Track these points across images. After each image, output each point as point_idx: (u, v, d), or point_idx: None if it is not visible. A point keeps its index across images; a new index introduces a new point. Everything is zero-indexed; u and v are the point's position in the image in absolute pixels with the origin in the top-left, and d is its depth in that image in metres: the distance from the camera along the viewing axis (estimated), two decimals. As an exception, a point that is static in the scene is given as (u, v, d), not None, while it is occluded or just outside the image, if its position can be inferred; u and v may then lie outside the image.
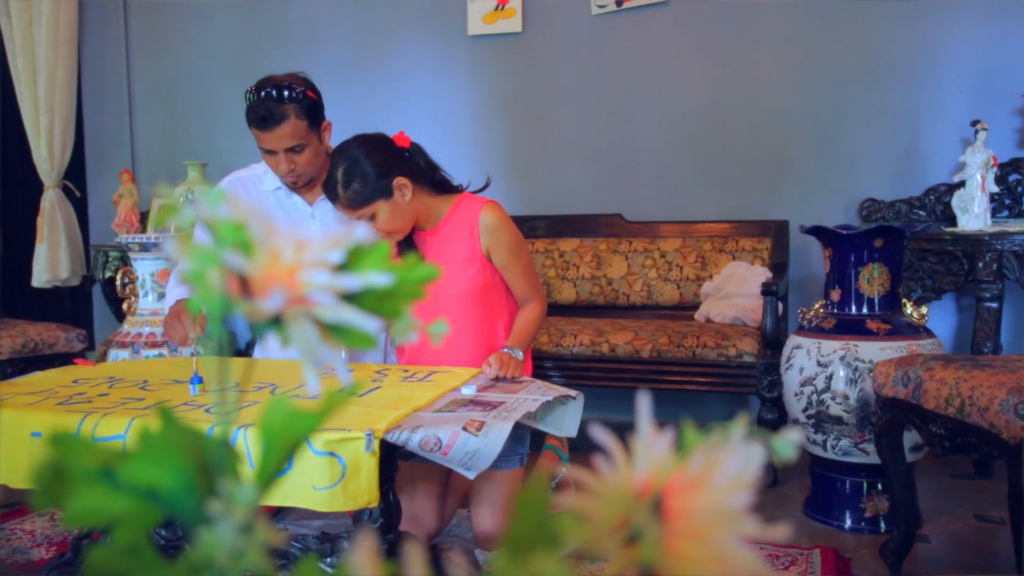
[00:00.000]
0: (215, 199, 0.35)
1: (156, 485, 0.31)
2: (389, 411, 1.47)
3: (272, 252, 0.35)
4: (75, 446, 0.30)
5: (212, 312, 0.34)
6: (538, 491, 0.30)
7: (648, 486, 0.33)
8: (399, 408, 1.50)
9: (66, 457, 0.30)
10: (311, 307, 0.36)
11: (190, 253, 0.36)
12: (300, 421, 0.31)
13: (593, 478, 0.36)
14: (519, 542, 0.28)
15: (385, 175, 1.87)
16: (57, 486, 0.30)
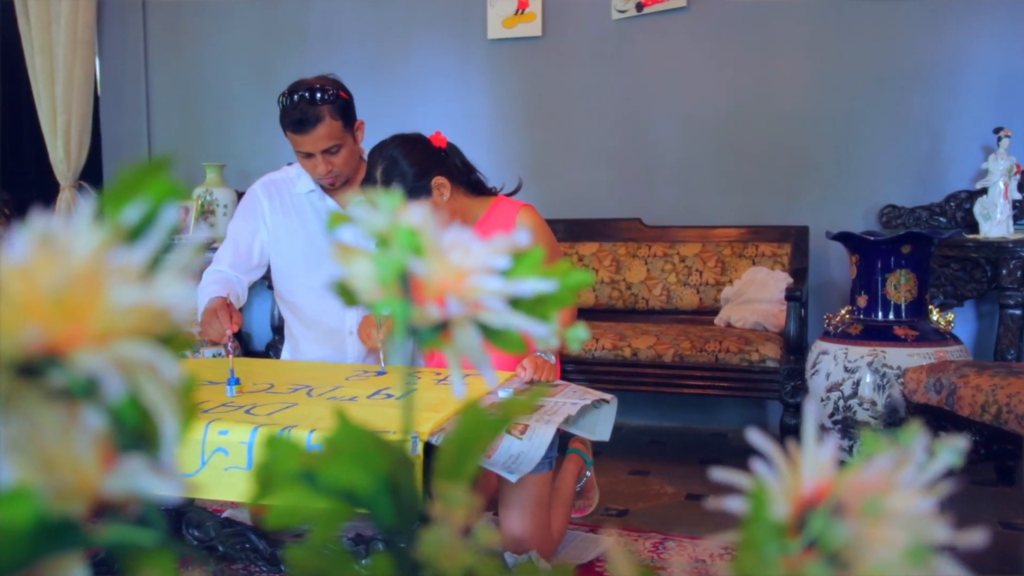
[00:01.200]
0: (390, 205, 0.36)
1: (354, 487, 0.32)
2: (430, 413, 1.48)
3: (441, 258, 0.36)
4: (286, 448, 0.31)
5: (398, 318, 0.34)
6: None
7: (822, 492, 0.34)
8: (439, 410, 1.51)
9: (277, 458, 0.31)
10: (478, 312, 0.37)
11: (362, 259, 0.37)
12: (488, 427, 0.32)
13: (754, 483, 0.36)
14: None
15: (423, 175, 1.88)
16: (268, 486, 0.30)
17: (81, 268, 0.24)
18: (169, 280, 0.26)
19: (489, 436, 0.32)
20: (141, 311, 0.25)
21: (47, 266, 0.24)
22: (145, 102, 4.39)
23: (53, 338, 0.24)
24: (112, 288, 0.24)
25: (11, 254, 0.25)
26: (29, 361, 0.25)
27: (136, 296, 0.24)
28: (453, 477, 0.31)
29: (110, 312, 0.24)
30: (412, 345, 1.47)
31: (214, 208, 3.87)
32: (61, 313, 0.24)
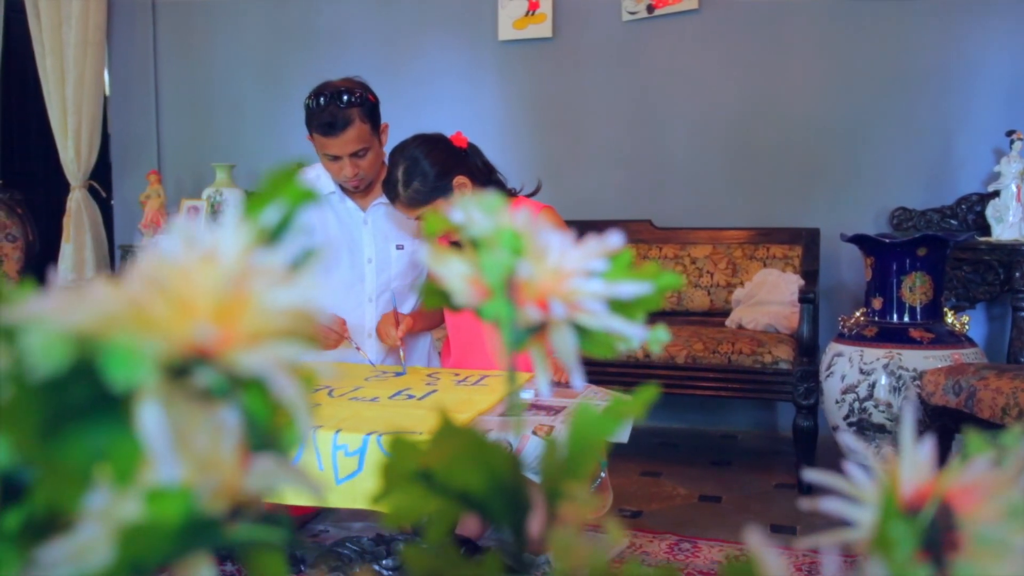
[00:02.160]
0: (492, 207, 0.36)
1: (469, 487, 0.32)
2: (455, 415, 1.48)
3: (542, 260, 0.37)
4: (406, 449, 0.31)
5: (504, 321, 0.35)
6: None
7: (923, 494, 0.34)
8: (463, 411, 1.51)
9: (397, 459, 0.31)
10: (576, 315, 0.37)
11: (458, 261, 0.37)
12: (603, 426, 0.32)
13: (851, 486, 0.37)
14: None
15: (445, 174, 1.89)
16: (390, 486, 0.31)
17: (233, 270, 0.25)
18: (311, 281, 0.26)
19: (604, 433, 0.32)
20: (289, 312, 0.25)
21: (202, 268, 0.24)
22: (154, 102, 4.40)
23: (209, 339, 0.25)
24: (263, 289, 0.25)
25: (163, 255, 0.25)
26: (183, 362, 0.25)
27: (289, 298, 0.25)
28: (573, 476, 0.31)
29: (262, 313, 0.25)
30: (429, 345, 1.50)
31: (224, 208, 3.88)
32: (216, 314, 0.25)
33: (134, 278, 0.24)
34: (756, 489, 2.74)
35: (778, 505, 2.58)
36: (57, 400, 0.24)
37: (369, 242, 2.19)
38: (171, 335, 0.23)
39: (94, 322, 0.22)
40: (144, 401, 0.23)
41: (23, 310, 0.22)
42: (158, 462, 0.24)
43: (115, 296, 0.23)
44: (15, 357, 0.21)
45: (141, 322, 0.23)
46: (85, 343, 0.22)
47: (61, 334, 0.21)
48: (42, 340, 0.21)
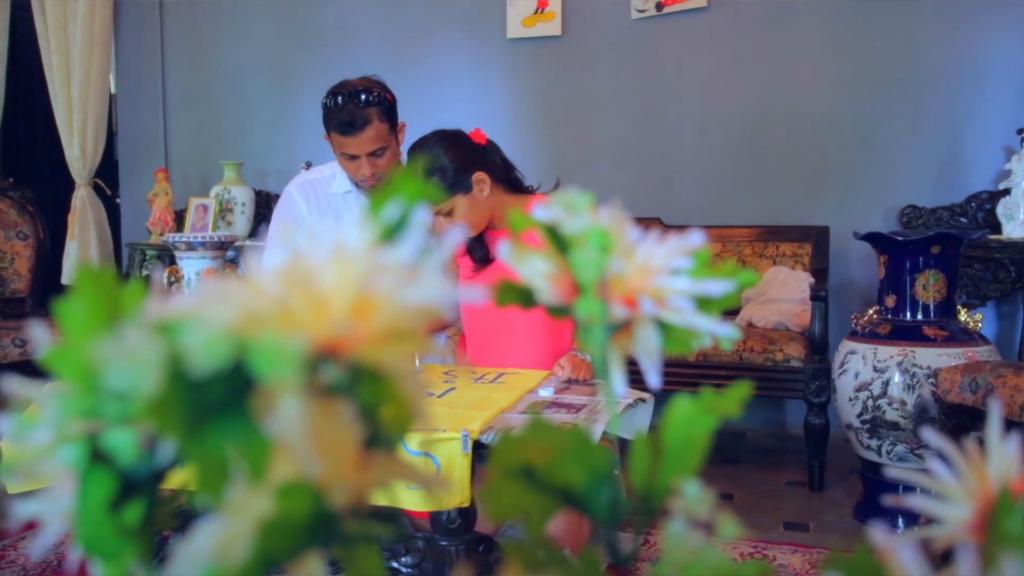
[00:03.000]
0: (578, 206, 0.37)
1: (570, 484, 0.33)
2: (476, 412, 1.48)
3: (631, 258, 0.37)
4: (511, 445, 0.31)
5: (596, 319, 0.35)
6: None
7: (1018, 488, 0.34)
8: (484, 409, 1.51)
9: (503, 455, 0.31)
10: (661, 312, 0.37)
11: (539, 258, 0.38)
12: (703, 419, 0.32)
13: (936, 481, 0.37)
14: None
15: (463, 170, 1.89)
16: (498, 481, 0.31)
17: (365, 269, 0.25)
18: (434, 280, 0.26)
19: (707, 427, 0.32)
20: (415, 310, 0.25)
21: (336, 267, 0.24)
22: (162, 100, 4.40)
23: (344, 336, 0.25)
24: (391, 287, 0.25)
25: (297, 253, 0.25)
26: (316, 359, 0.25)
27: (416, 296, 0.25)
28: (680, 470, 0.31)
29: (391, 310, 0.25)
30: (443, 343, 1.50)
31: (232, 206, 3.88)
32: (350, 312, 0.25)
33: (270, 276, 0.24)
34: (767, 487, 2.74)
35: (790, 502, 2.58)
36: (202, 395, 0.24)
37: (384, 240, 2.19)
38: (311, 333, 0.23)
39: (244, 320, 0.22)
40: (286, 397, 0.24)
41: (178, 308, 0.22)
42: (297, 457, 0.24)
43: (259, 294, 0.23)
44: (172, 353, 0.21)
45: (286, 320, 0.23)
46: (238, 341, 0.22)
47: (221, 332, 0.21)
48: (204, 338, 0.21)
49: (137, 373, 0.22)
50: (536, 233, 0.39)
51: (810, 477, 2.70)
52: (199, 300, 0.23)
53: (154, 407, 0.22)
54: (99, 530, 0.29)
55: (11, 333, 2.53)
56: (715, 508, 0.29)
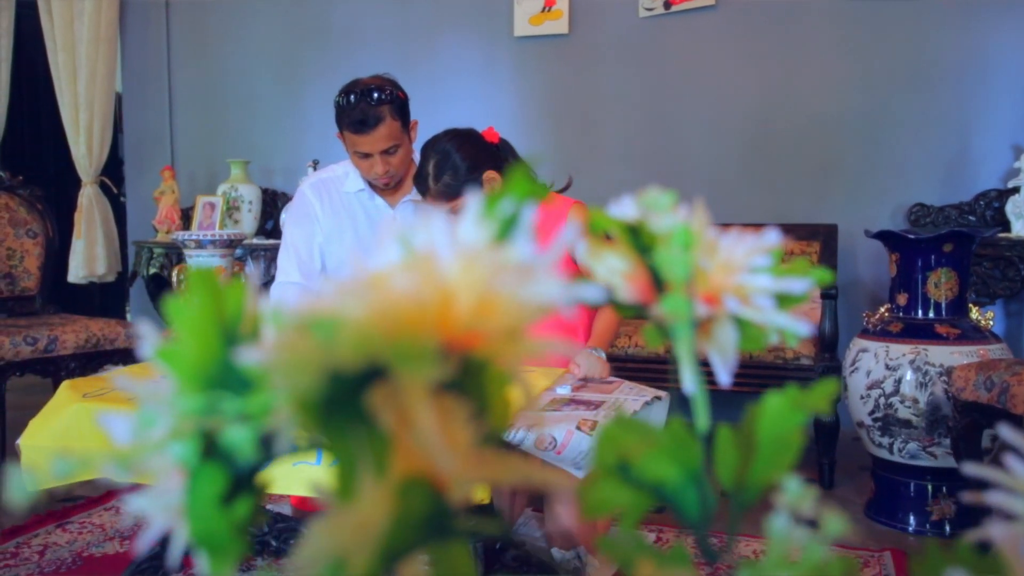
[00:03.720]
0: (659, 205, 0.37)
1: (664, 480, 0.33)
2: (497, 410, 1.49)
3: (714, 256, 0.37)
4: (609, 441, 0.32)
5: (682, 316, 0.35)
6: None
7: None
8: (504, 407, 1.52)
9: (601, 451, 0.32)
10: (745, 310, 0.38)
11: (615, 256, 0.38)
12: (793, 415, 0.33)
13: (1013, 479, 0.37)
14: None
15: (476, 168, 1.90)
16: (596, 477, 0.31)
17: (488, 266, 0.25)
18: (553, 279, 0.27)
19: (796, 422, 0.33)
20: (537, 307, 0.26)
21: (462, 263, 0.25)
22: (168, 99, 4.39)
23: (470, 334, 0.25)
24: (514, 285, 0.25)
25: (420, 253, 0.26)
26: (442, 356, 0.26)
27: (539, 293, 0.25)
28: (776, 467, 0.32)
29: (512, 308, 0.25)
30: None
31: (239, 204, 3.88)
32: (475, 310, 0.25)
33: (395, 273, 0.25)
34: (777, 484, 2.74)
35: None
36: (334, 392, 0.24)
37: (397, 239, 2.20)
38: (441, 330, 0.24)
39: (382, 319, 0.22)
40: (418, 394, 0.24)
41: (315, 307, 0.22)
42: (432, 454, 0.24)
43: (391, 293, 0.23)
44: (321, 350, 0.22)
45: (420, 317, 0.23)
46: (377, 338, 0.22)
47: (370, 330, 0.22)
48: (350, 337, 0.21)
49: (295, 370, 0.23)
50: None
51: (820, 475, 2.70)
52: (332, 298, 0.24)
53: (304, 404, 0.23)
54: (211, 525, 0.30)
55: (22, 331, 2.53)
56: (819, 504, 0.29)
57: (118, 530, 2.31)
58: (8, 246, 2.90)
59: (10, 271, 2.89)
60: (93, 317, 2.86)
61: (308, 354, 0.22)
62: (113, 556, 2.14)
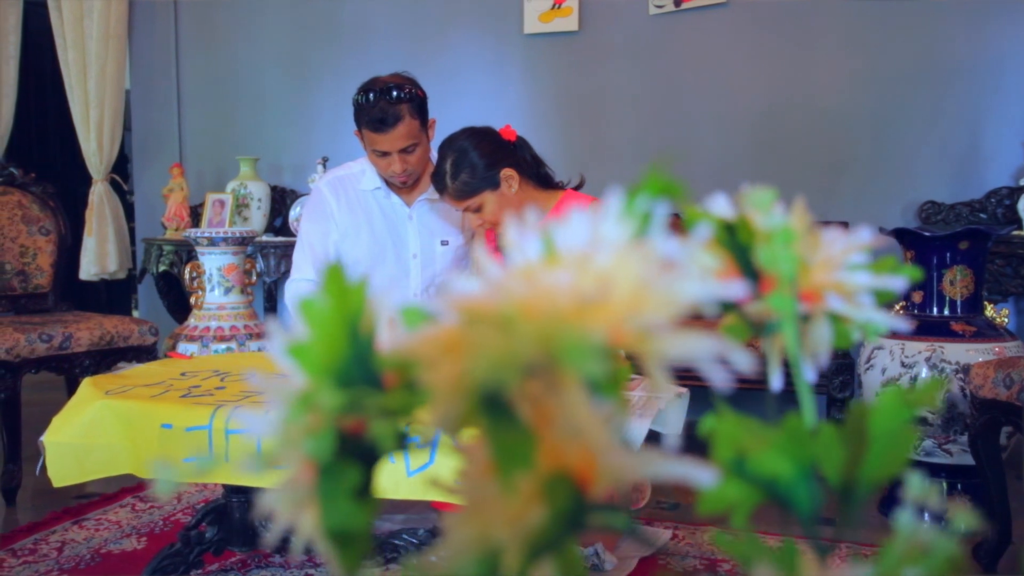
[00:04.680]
0: (762, 202, 0.37)
1: (777, 475, 0.33)
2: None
3: (813, 253, 0.37)
4: (727, 437, 0.32)
5: (788, 314, 0.36)
6: None
7: None
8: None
9: (720, 446, 0.32)
10: (844, 307, 0.38)
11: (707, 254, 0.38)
12: (903, 411, 0.33)
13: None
14: None
15: (493, 166, 1.90)
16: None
17: (645, 264, 0.25)
18: (705, 277, 0.27)
19: (907, 418, 0.33)
20: (688, 304, 0.26)
21: (619, 259, 0.25)
22: (176, 96, 4.39)
23: (622, 329, 0.25)
24: (670, 282, 0.25)
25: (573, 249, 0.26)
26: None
27: (694, 290, 0.25)
28: (891, 463, 0.32)
29: (666, 305, 0.26)
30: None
31: (248, 202, 3.88)
32: (629, 306, 0.25)
33: (550, 269, 0.25)
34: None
35: (813, 497, 2.59)
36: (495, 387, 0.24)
37: (414, 238, 2.20)
38: (605, 327, 0.24)
39: (550, 315, 0.23)
40: (577, 390, 0.24)
41: (483, 301, 0.23)
42: (598, 450, 0.24)
43: (555, 290, 0.24)
44: (505, 345, 0.22)
45: (586, 313, 0.23)
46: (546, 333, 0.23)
47: (540, 331, 0.22)
48: (527, 336, 0.22)
49: (493, 365, 0.23)
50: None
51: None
52: (489, 293, 0.24)
53: (473, 399, 0.23)
54: (344, 520, 0.30)
55: (37, 328, 2.53)
56: (946, 500, 0.30)
57: (135, 527, 2.32)
58: (21, 243, 2.90)
59: (23, 268, 2.89)
60: (107, 314, 2.86)
61: (500, 348, 0.23)
62: (131, 553, 2.14)
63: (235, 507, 1.93)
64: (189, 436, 1.54)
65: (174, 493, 2.17)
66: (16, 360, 2.45)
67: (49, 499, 2.52)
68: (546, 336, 0.22)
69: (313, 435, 0.30)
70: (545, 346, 0.23)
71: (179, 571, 1.85)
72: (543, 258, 0.27)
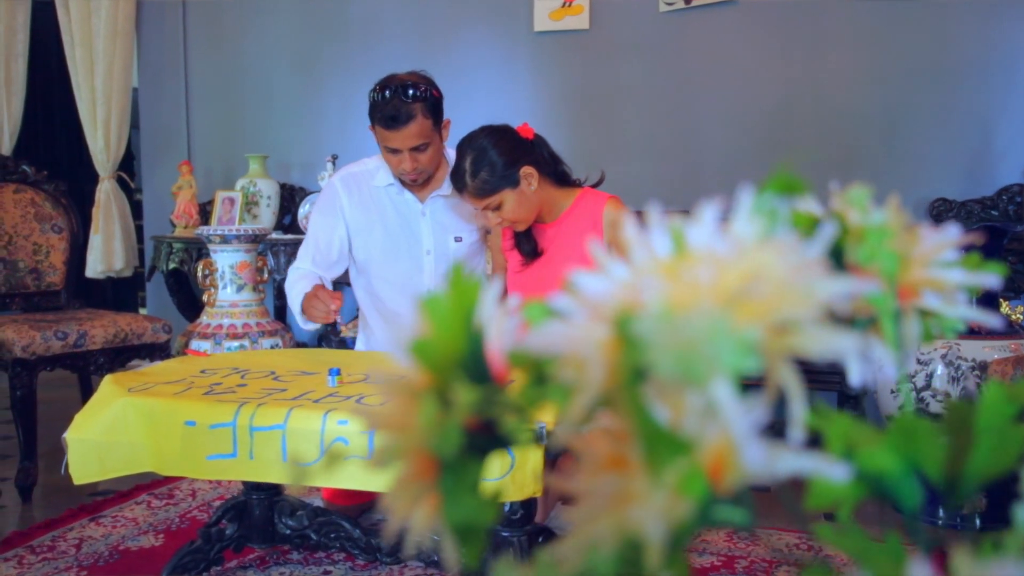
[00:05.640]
0: (859, 200, 0.37)
1: (885, 470, 0.33)
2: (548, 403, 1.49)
3: (910, 251, 0.38)
4: (839, 431, 0.32)
5: (887, 311, 0.36)
6: None
7: None
8: (552, 401, 1.52)
9: (832, 441, 0.32)
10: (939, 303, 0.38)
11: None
12: (1010, 405, 0.33)
13: None
14: None
15: (512, 164, 1.90)
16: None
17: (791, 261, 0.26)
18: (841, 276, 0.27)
19: (1010, 415, 0.33)
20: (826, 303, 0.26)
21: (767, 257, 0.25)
22: (184, 93, 4.39)
23: (770, 326, 0.26)
24: (812, 280, 0.26)
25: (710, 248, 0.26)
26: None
27: (832, 289, 0.26)
28: (1001, 460, 0.32)
29: (806, 302, 0.26)
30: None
31: (258, 199, 3.88)
32: (770, 304, 0.26)
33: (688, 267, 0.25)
34: (803, 477, 2.75)
35: (827, 494, 2.59)
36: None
37: (428, 234, 2.20)
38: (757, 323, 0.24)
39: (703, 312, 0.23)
40: (723, 386, 0.25)
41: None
42: (742, 444, 0.25)
43: (700, 287, 0.24)
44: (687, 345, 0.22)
45: (735, 312, 0.24)
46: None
47: (697, 327, 0.22)
48: (685, 332, 0.22)
49: (669, 360, 0.23)
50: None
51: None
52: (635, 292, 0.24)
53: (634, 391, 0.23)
54: (469, 514, 0.30)
55: (52, 326, 2.53)
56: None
57: (151, 523, 2.32)
58: (34, 241, 2.90)
59: (36, 266, 2.89)
60: (120, 312, 2.87)
61: (668, 342, 0.23)
62: (150, 550, 2.14)
63: (255, 504, 1.94)
64: (213, 433, 1.55)
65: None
66: (32, 358, 2.45)
67: (65, 496, 2.52)
68: (708, 332, 0.23)
69: (440, 431, 0.30)
70: (703, 342, 0.23)
71: (200, 567, 1.86)
72: (674, 256, 0.28)
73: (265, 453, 1.52)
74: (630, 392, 0.24)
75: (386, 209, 2.21)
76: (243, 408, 1.54)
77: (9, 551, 2.10)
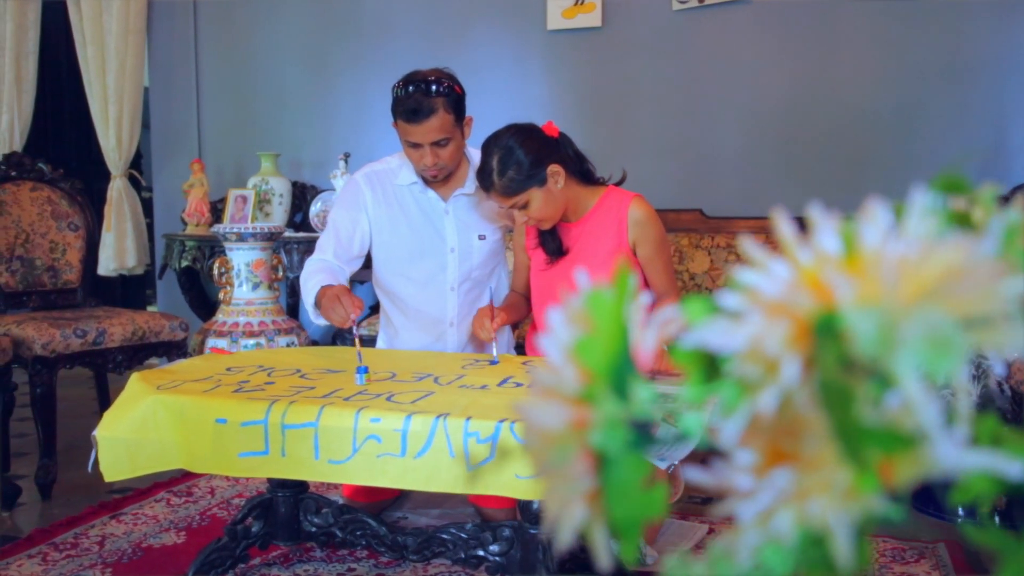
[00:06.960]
0: (985, 199, 0.38)
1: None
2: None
3: None
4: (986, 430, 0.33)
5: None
6: None
7: None
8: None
9: (983, 436, 0.33)
10: None
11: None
12: None
13: None
14: None
15: (539, 163, 1.91)
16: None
17: (966, 260, 0.26)
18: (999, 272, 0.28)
19: None
20: (1004, 303, 0.27)
21: (950, 255, 0.26)
22: (195, 91, 4.39)
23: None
24: (989, 279, 0.26)
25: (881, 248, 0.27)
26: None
27: (1014, 289, 0.26)
28: None
29: (993, 298, 0.26)
30: (509, 335, 1.52)
31: (270, 197, 3.88)
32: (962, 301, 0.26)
33: (873, 264, 0.26)
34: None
35: (844, 492, 2.60)
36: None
37: (451, 232, 2.21)
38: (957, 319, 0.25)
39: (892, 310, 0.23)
40: (919, 382, 0.25)
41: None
42: (935, 443, 0.25)
43: (890, 284, 0.24)
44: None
45: (930, 308, 0.24)
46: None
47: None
48: (886, 327, 0.22)
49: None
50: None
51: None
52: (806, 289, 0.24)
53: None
54: (632, 510, 0.31)
55: (71, 323, 2.54)
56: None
57: (172, 521, 2.32)
58: (51, 239, 2.90)
59: (53, 264, 2.90)
60: (137, 310, 2.87)
61: (875, 336, 0.23)
62: (172, 547, 2.15)
63: (280, 501, 1.95)
64: (244, 431, 1.55)
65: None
66: (52, 355, 2.46)
67: (83, 494, 2.53)
68: (922, 328, 0.23)
69: (605, 428, 0.30)
70: (915, 338, 0.23)
71: (226, 564, 1.86)
72: (846, 254, 0.28)
73: (297, 450, 1.52)
74: (831, 387, 0.24)
75: (409, 207, 2.21)
76: (275, 406, 1.54)
77: (33, 548, 2.11)
